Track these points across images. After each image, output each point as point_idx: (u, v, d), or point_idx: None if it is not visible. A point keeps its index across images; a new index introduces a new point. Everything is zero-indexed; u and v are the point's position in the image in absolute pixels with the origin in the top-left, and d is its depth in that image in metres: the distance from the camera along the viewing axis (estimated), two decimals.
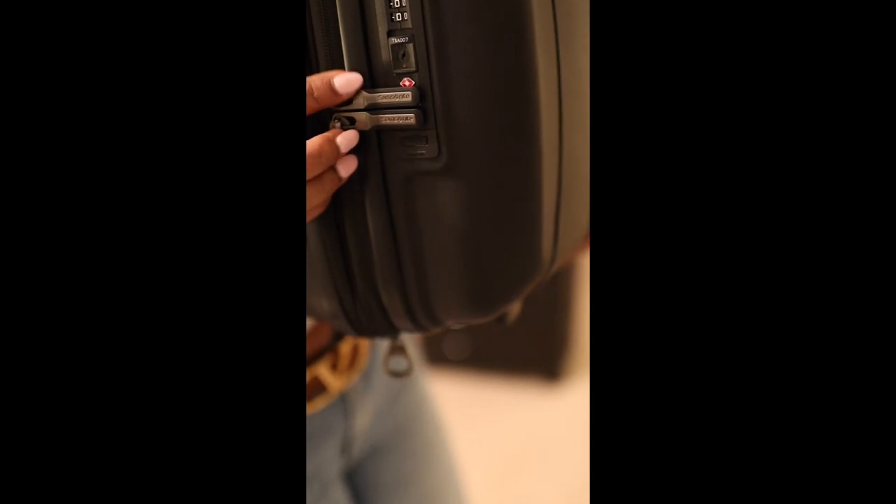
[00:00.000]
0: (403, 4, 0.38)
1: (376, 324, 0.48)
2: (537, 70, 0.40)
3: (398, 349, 0.56)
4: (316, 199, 0.40)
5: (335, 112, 0.40)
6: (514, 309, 0.54)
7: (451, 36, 0.38)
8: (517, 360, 1.90)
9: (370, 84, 0.40)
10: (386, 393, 0.64)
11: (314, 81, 0.38)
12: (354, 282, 0.46)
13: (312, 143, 0.39)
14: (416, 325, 0.47)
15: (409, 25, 0.38)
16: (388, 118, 0.39)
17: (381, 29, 0.38)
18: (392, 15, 0.38)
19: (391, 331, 0.48)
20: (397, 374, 0.57)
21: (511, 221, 0.43)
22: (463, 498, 0.72)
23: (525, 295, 0.47)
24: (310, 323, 0.54)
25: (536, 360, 1.89)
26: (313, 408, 0.56)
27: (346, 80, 0.39)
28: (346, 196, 0.43)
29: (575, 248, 0.52)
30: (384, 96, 0.39)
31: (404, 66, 0.39)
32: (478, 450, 1.64)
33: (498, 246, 0.43)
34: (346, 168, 0.41)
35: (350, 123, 0.40)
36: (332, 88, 0.38)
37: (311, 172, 0.38)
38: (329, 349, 0.56)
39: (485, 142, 0.40)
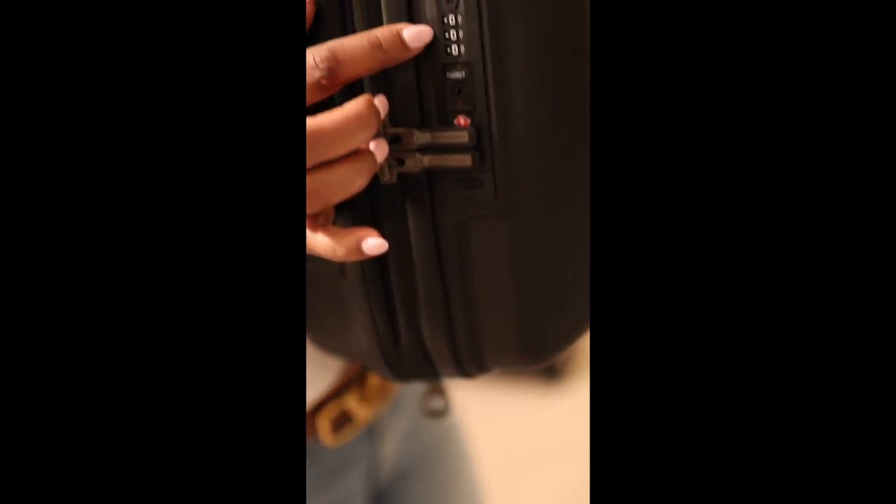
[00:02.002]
0: (460, 37, 0.34)
1: (418, 368, 0.45)
2: None
3: (437, 390, 0.54)
4: (359, 178, 0.34)
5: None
6: (565, 357, 0.51)
7: (513, 72, 0.34)
8: None
9: (420, 121, 0.36)
10: (413, 415, 0.62)
11: (381, 32, 0.34)
12: (398, 326, 0.42)
13: (351, 107, 0.33)
14: (462, 372, 0.44)
15: (467, 59, 0.34)
16: (441, 159, 0.36)
17: (435, 62, 0.35)
18: (447, 47, 0.34)
19: (433, 375, 0.45)
20: (435, 415, 0.55)
21: (569, 264, 0.40)
22: None
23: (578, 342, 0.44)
24: None
25: None
26: (340, 440, 0.53)
27: (416, 33, 0.34)
28: (391, 238, 0.39)
29: None
30: (437, 136, 0.36)
31: (459, 103, 0.35)
32: (478, 450, 1.63)
33: (554, 291, 0.40)
34: (381, 150, 0.36)
35: (398, 164, 0.37)
36: (401, 40, 0.34)
37: (352, 142, 0.33)
38: (356, 381, 0.54)
39: (543, 184, 0.37)
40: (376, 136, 0.36)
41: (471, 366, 0.44)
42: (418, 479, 0.64)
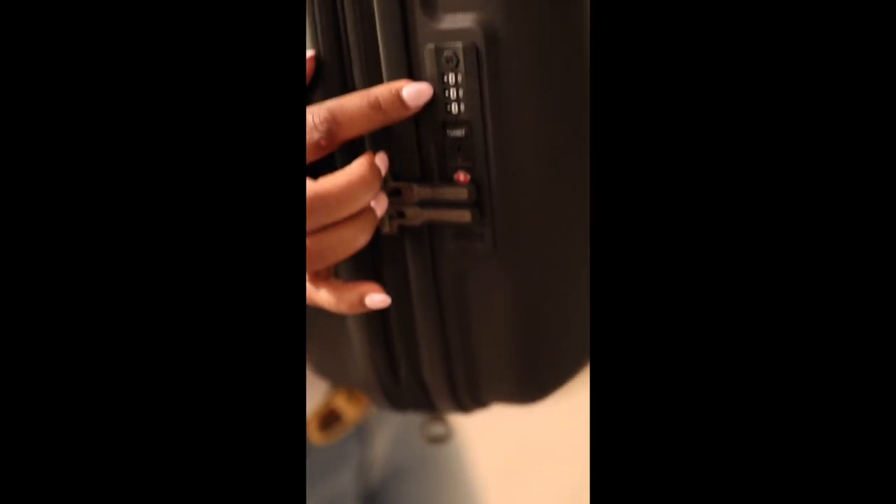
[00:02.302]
0: (460, 95, 0.35)
1: (416, 401, 0.46)
2: None
3: (437, 417, 0.54)
4: (362, 240, 0.35)
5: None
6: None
7: (513, 131, 0.35)
8: None
9: (421, 176, 0.37)
10: (404, 416, 0.62)
11: (381, 92, 0.34)
12: (397, 364, 0.43)
13: (353, 171, 0.34)
14: (459, 407, 0.45)
15: (467, 118, 0.35)
16: (440, 214, 0.37)
17: (435, 119, 0.35)
18: (447, 105, 0.35)
19: (430, 408, 0.46)
20: (436, 441, 0.56)
21: (566, 308, 0.41)
22: None
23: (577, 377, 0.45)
24: None
25: None
26: (329, 439, 0.54)
27: (415, 91, 0.34)
28: (391, 284, 0.40)
29: None
30: (438, 191, 0.36)
31: (459, 159, 0.36)
32: (477, 450, 1.64)
33: (552, 335, 0.41)
34: (381, 205, 0.36)
35: (399, 217, 0.37)
36: (400, 100, 0.34)
37: (355, 205, 0.34)
38: None
39: (542, 236, 0.38)
40: None
41: (468, 402, 0.44)
42: (411, 480, 0.64)
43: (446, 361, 0.42)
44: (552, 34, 0.34)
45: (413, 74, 0.35)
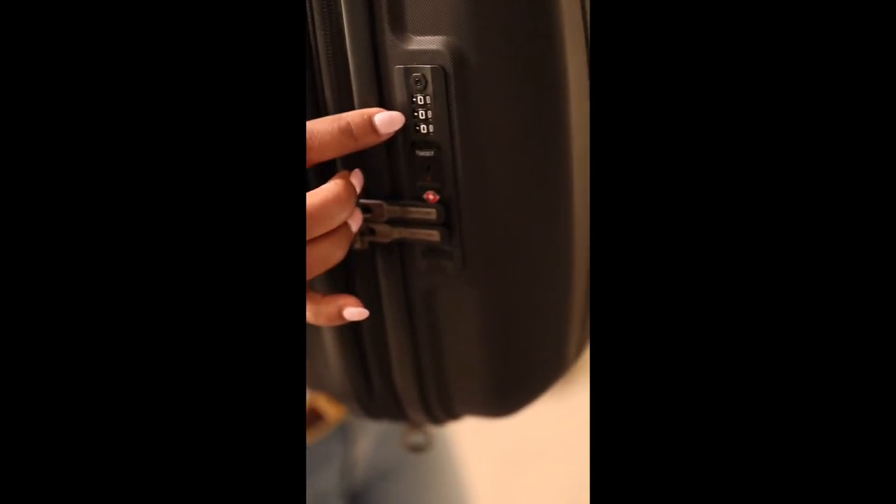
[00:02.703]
0: (429, 116, 0.35)
1: (390, 411, 0.46)
2: (573, 179, 0.37)
3: (416, 426, 0.55)
4: (336, 252, 0.36)
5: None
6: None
7: (482, 152, 0.35)
8: None
9: (391, 195, 0.37)
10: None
11: (353, 118, 0.35)
12: (370, 375, 0.44)
13: (329, 190, 0.34)
14: (431, 417, 0.46)
15: (435, 139, 0.35)
16: (410, 232, 0.37)
17: (405, 139, 0.36)
18: (416, 126, 0.35)
19: (403, 418, 0.47)
20: (416, 449, 0.56)
21: (536, 325, 0.41)
22: None
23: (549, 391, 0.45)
24: None
25: None
26: (311, 438, 0.55)
27: (387, 119, 0.35)
28: (363, 297, 0.40)
29: None
30: (407, 210, 0.37)
31: (429, 179, 0.36)
32: (477, 450, 1.64)
33: (522, 351, 0.42)
34: (356, 222, 0.37)
35: (370, 233, 0.38)
36: (371, 126, 0.35)
37: (331, 224, 0.34)
38: None
39: (512, 253, 0.38)
40: None
41: (440, 414, 0.45)
42: (397, 481, 0.64)
43: (418, 375, 0.42)
44: (522, 56, 0.35)
45: (383, 95, 0.35)
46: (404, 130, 0.35)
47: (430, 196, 0.36)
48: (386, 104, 0.36)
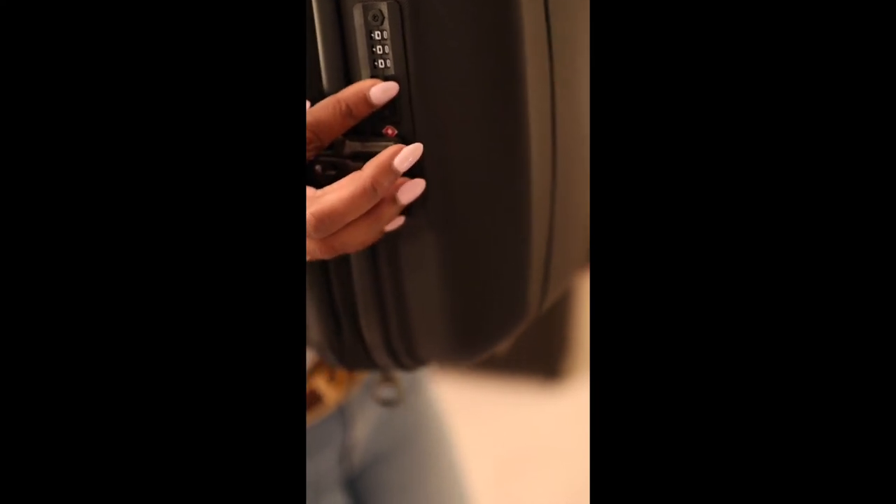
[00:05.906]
0: (386, 51, 0.36)
1: (360, 360, 0.47)
2: (530, 121, 0.38)
3: (387, 379, 0.56)
4: (371, 235, 0.37)
5: (319, 156, 0.39)
6: (503, 346, 0.53)
7: (438, 87, 0.37)
8: (517, 360, 1.90)
9: (352, 130, 0.39)
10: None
11: (348, 97, 0.37)
12: (339, 318, 0.45)
13: (357, 184, 0.35)
14: (397, 363, 0.47)
15: (393, 73, 0.37)
16: None
17: (364, 74, 0.37)
18: (375, 61, 0.37)
19: (373, 366, 0.48)
20: (387, 403, 0.57)
21: (496, 273, 0.42)
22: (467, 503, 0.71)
23: (513, 337, 0.46)
24: None
25: (536, 360, 1.88)
26: (309, 420, 0.55)
27: (382, 91, 0.36)
28: None
29: (570, 281, 0.51)
30: (367, 145, 0.38)
31: (387, 113, 0.37)
32: (478, 450, 1.64)
33: (481, 295, 0.43)
34: (410, 193, 0.38)
35: (332, 169, 0.39)
36: (366, 101, 0.37)
37: (359, 212, 0.36)
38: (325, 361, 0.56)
39: (472, 193, 0.39)
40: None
41: (406, 358, 0.46)
42: (393, 465, 0.65)
43: (382, 316, 0.43)
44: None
45: (343, 32, 0.37)
46: (364, 65, 0.37)
47: (390, 131, 0.38)
48: (347, 41, 0.37)
